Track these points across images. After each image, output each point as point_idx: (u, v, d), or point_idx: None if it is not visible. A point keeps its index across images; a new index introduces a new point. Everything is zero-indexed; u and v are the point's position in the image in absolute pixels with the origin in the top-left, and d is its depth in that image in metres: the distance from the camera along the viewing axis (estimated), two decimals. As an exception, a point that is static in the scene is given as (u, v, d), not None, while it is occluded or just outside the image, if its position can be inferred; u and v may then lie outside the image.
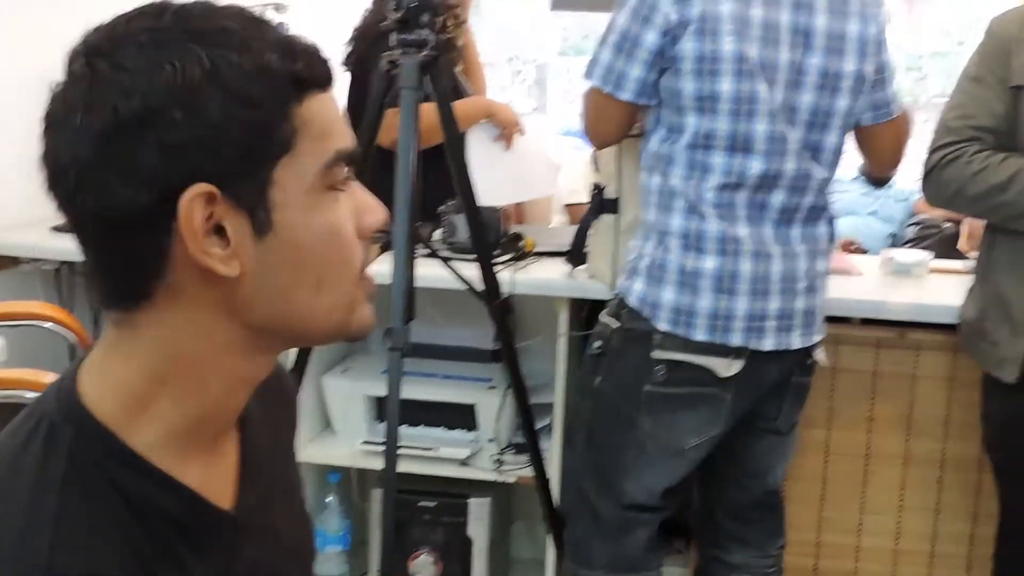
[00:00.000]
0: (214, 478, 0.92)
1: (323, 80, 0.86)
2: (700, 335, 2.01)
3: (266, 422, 1.02)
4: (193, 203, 0.80)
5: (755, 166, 1.98)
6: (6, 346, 1.99)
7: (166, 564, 0.85)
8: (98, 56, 0.81)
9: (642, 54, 1.96)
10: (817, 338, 2.14)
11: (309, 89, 0.84)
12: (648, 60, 1.96)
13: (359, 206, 0.90)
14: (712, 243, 1.99)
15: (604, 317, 2.12)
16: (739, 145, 1.97)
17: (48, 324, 2.43)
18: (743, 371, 2.04)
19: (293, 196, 0.84)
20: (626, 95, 2.00)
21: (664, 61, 1.96)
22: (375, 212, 0.91)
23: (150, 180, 0.80)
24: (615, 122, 2.08)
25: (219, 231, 0.82)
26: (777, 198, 2.01)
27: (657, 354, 2.03)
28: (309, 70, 0.84)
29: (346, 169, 0.88)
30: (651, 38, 1.95)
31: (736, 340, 2.01)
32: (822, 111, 2.01)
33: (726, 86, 1.94)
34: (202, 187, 0.80)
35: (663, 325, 2.02)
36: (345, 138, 0.87)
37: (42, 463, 0.83)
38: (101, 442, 0.85)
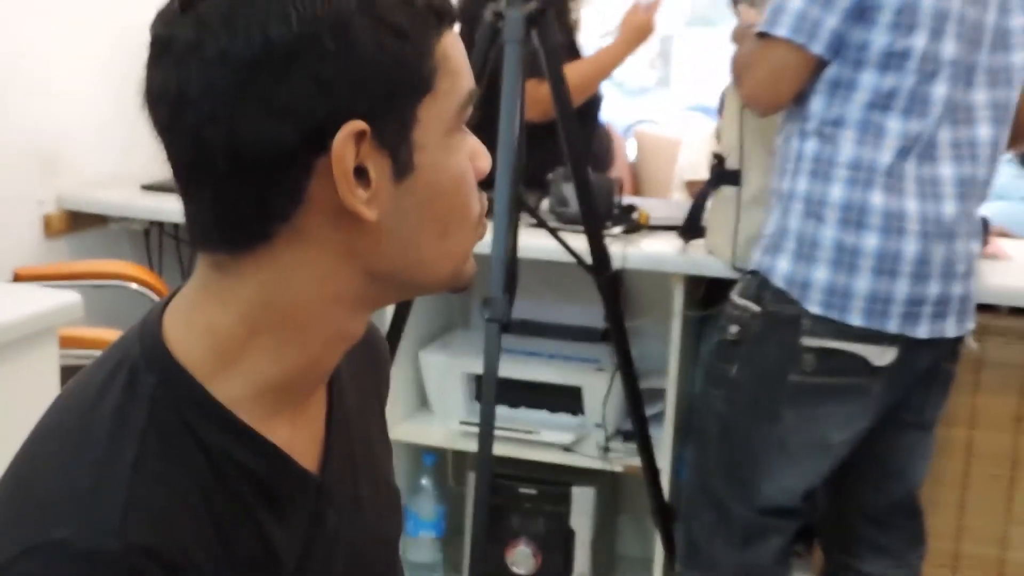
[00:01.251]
0: (300, 439, 0.88)
1: (454, 16, 0.84)
2: (856, 320, 1.88)
3: (356, 385, 0.99)
4: (346, 142, 0.77)
5: (931, 131, 1.85)
6: (85, 304, 1.95)
7: (244, 528, 0.82)
8: None
9: (842, 1, 1.80)
10: (970, 326, 2.01)
11: (446, 23, 0.82)
12: (847, 8, 1.81)
13: (472, 150, 0.86)
14: (876, 218, 1.85)
15: (740, 299, 1.97)
16: (918, 108, 1.85)
17: (134, 285, 2.42)
18: (895, 360, 1.91)
19: (433, 137, 0.81)
20: (818, 47, 1.83)
21: (860, 12, 1.81)
22: (485, 157, 0.87)
23: (297, 115, 0.76)
24: (796, 81, 1.88)
25: (358, 172, 0.78)
26: (948, 171, 1.88)
27: (806, 341, 1.90)
28: (444, 4, 0.82)
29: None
30: None
31: (893, 327, 1.89)
32: (1002, 68, 1.90)
33: (920, 42, 1.81)
34: (356, 125, 0.77)
35: (814, 308, 1.88)
36: (472, 77, 0.85)
37: (121, 411, 0.80)
38: (186, 392, 0.81)
